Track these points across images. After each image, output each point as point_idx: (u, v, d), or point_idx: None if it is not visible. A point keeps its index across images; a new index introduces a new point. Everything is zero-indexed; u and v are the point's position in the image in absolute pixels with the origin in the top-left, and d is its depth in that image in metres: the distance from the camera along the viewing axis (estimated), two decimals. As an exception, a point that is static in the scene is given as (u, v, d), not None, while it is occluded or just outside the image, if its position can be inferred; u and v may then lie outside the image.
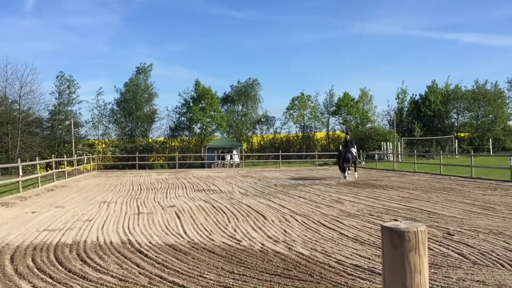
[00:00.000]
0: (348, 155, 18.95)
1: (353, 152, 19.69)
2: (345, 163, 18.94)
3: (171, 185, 18.62)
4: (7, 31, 73.70)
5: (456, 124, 49.80)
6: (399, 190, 14.41)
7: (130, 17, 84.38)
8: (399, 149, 38.34)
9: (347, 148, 19.41)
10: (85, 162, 31.21)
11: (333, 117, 50.23)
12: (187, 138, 49.17)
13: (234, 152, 39.94)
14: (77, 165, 28.60)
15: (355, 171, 20.96)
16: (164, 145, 48.02)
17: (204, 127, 47.05)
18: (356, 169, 21.34)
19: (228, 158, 38.68)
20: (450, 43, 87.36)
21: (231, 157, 38.86)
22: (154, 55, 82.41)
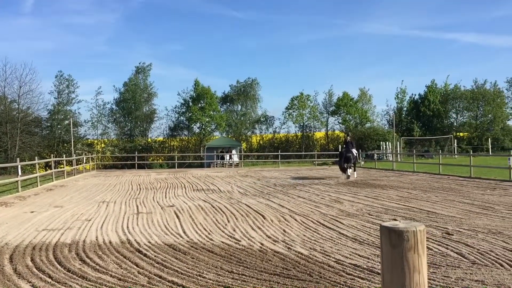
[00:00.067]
0: (349, 155, 19.08)
1: (354, 152, 19.79)
2: (346, 163, 19.02)
3: (170, 185, 18.62)
4: (6, 31, 73.75)
5: (455, 124, 49.86)
6: (398, 190, 14.42)
7: (130, 17, 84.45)
8: (398, 149, 38.31)
9: (348, 148, 19.48)
10: (84, 162, 31.20)
11: (332, 117, 50.26)
12: (186, 138, 49.15)
13: (233, 152, 39.91)
14: (76, 165, 28.59)
15: (354, 171, 20.99)
16: (163, 145, 48.01)
17: (203, 127, 47.03)
18: (356, 169, 21.37)
19: (227, 158, 38.67)
20: (450, 43, 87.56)
21: (230, 157, 38.84)
22: (154, 55, 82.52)
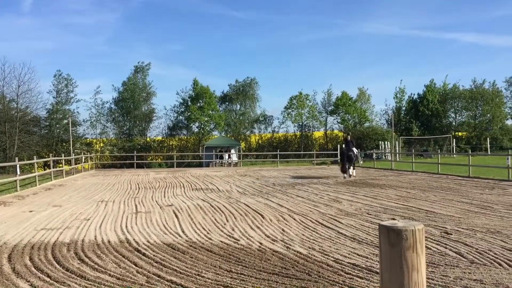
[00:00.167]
0: (351, 154, 19.24)
1: (354, 151, 19.90)
2: (348, 163, 19.15)
3: (169, 184, 18.61)
4: (5, 30, 73.61)
5: (454, 123, 49.89)
6: (397, 189, 14.43)
7: (129, 17, 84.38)
8: (397, 148, 38.37)
9: (349, 147, 19.58)
10: (83, 161, 31.17)
11: (331, 116, 50.19)
12: (185, 137, 49.09)
13: (232, 151, 39.88)
14: (75, 164, 28.57)
15: (354, 169, 21.02)
16: (162, 144, 47.95)
17: (202, 126, 46.97)
18: (355, 168, 21.41)
19: (226, 157, 38.65)
20: (449, 43, 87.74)
21: (229, 156, 38.82)
22: (153, 55, 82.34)
